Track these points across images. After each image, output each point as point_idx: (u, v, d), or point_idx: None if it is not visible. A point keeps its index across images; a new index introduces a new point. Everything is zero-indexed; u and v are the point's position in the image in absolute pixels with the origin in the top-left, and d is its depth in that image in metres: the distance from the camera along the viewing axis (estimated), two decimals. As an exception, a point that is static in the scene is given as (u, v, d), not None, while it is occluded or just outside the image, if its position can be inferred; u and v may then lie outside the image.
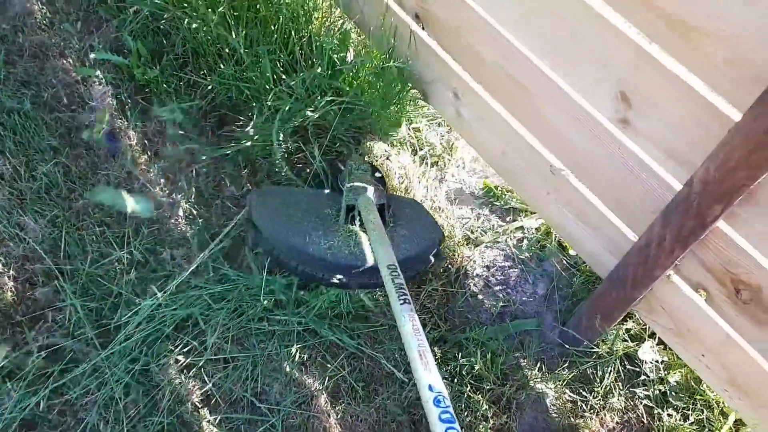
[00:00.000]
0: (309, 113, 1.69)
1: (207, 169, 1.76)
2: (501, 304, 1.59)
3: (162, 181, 1.73)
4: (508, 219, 1.74)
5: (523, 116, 1.45)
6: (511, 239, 1.70)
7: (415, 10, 1.60)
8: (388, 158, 1.82)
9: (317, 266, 1.47)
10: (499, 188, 1.78)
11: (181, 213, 1.68)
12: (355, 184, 1.57)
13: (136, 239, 1.60)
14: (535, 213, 1.71)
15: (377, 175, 1.70)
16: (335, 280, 1.49)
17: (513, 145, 1.51)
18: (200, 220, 1.66)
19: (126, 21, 2.04)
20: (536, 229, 1.71)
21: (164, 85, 1.88)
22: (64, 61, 1.99)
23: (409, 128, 1.89)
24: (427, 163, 1.85)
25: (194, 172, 1.76)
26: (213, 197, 1.72)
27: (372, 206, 1.52)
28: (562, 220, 1.49)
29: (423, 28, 1.61)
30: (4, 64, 1.94)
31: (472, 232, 1.72)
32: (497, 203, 1.76)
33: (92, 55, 1.97)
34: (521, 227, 1.72)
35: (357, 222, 1.54)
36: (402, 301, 1.20)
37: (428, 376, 1.03)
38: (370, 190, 1.56)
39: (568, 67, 1.23)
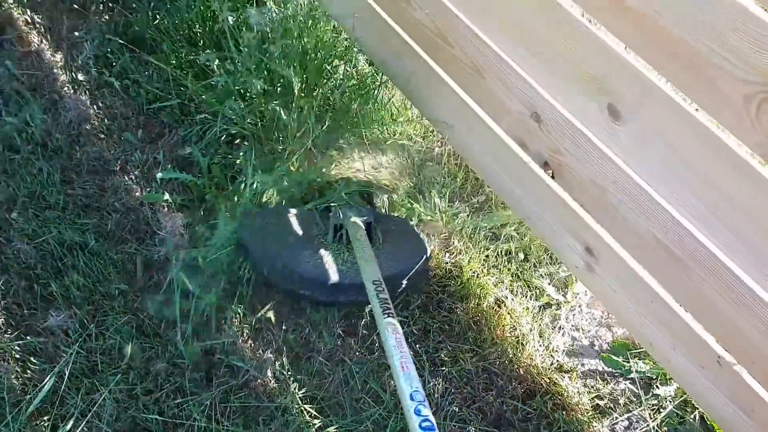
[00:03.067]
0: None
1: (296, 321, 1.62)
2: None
3: (246, 332, 1.59)
4: (640, 382, 1.60)
5: (679, 293, 1.31)
6: (646, 409, 1.55)
7: (545, 157, 1.46)
8: (499, 305, 1.68)
9: (306, 285, 1.57)
10: (629, 347, 1.64)
11: (270, 374, 1.54)
12: (342, 203, 1.67)
13: (224, 415, 1.46)
14: (671, 380, 1.56)
15: (365, 192, 1.79)
16: (323, 298, 1.58)
17: (662, 320, 1.37)
18: (293, 384, 1.52)
19: (193, 131, 1.92)
20: (672, 397, 1.57)
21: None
22: (127, 178, 1.86)
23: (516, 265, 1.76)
24: (538, 307, 1.71)
25: (282, 324, 1.62)
26: (305, 352, 1.58)
27: (359, 225, 1.62)
28: (723, 413, 1.35)
29: (552, 177, 1.47)
30: (61, 183, 1.81)
31: (601, 399, 1.57)
32: (628, 368, 1.61)
33: (158, 175, 1.83)
34: (657, 395, 1.57)
35: (345, 241, 1.63)
36: (386, 315, 1.31)
37: (410, 387, 1.14)
38: (357, 210, 1.66)
39: (755, 265, 1.10)
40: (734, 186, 1.07)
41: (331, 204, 1.70)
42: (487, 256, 1.76)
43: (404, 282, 1.62)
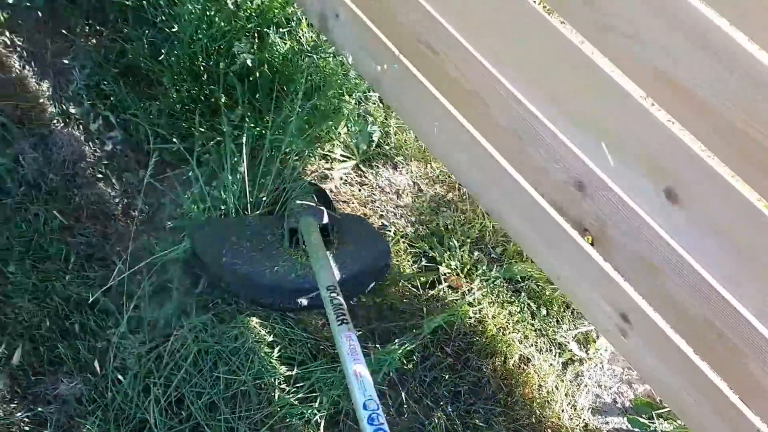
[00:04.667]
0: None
1: None
2: None
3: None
4: (665, 441, 1.67)
5: (725, 372, 1.37)
6: (672, 469, 1.63)
7: (585, 225, 1.50)
8: (525, 363, 1.71)
9: (264, 293, 1.61)
10: (652, 405, 1.71)
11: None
12: (296, 207, 1.71)
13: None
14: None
15: (321, 195, 1.84)
16: (285, 304, 1.62)
17: (700, 391, 1.43)
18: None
19: (204, 170, 1.85)
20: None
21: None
22: (131, 223, 1.79)
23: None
24: (562, 364, 1.76)
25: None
26: None
27: (314, 228, 1.66)
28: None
29: (591, 244, 1.52)
30: (60, 230, 1.73)
31: (627, 459, 1.64)
32: (653, 430, 1.68)
33: (168, 224, 1.78)
34: (682, 454, 1.65)
35: (301, 245, 1.67)
36: (340, 322, 1.35)
37: (363, 395, 1.19)
38: (313, 213, 1.70)
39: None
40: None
41: (287, 209, 1.74)
42: (510, 311, 1.80)
43: (369, 281, 1.72)
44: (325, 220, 1.70)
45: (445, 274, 1.84)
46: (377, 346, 1.70)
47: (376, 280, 1.77)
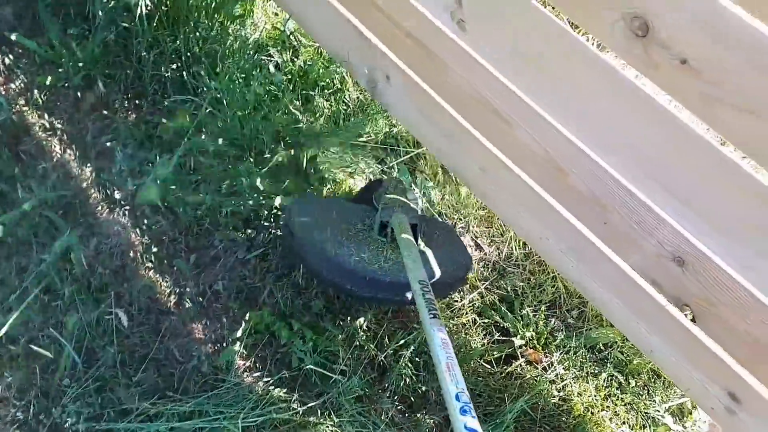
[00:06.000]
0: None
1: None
2: None
3: None
4: None
5: None
6: None
7: (685, 301, 1.34)
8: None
9: (346, 276, 1.57)
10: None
11: None
12: (391, 202, 1.71)
13: None
14: None
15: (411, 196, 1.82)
16: (362, 293, 1.58)
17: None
18: None
19: (253, 253, 1.75)
20: None
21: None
22: (185, 316, 1.68)
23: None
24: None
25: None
26: None
27: (405, 224, 1.64)
28: None
29: (693, 320, 1.35)
30: (113, 331, 1.62)
31: None
32: None
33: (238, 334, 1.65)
34: None
35: (389, 239, 1.66)
36: (432, 316, 1.32)
37: (456, 386, 1.15)
38: (405, 209, 1.69)
39: None
40: None
41: (380, 202, 1.74)
42: (596, 385, 1.63)
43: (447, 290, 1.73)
44: (416, 220, 1.68)
45: (520, 347, 1.69)
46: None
47: (451, 290, 1.78)
